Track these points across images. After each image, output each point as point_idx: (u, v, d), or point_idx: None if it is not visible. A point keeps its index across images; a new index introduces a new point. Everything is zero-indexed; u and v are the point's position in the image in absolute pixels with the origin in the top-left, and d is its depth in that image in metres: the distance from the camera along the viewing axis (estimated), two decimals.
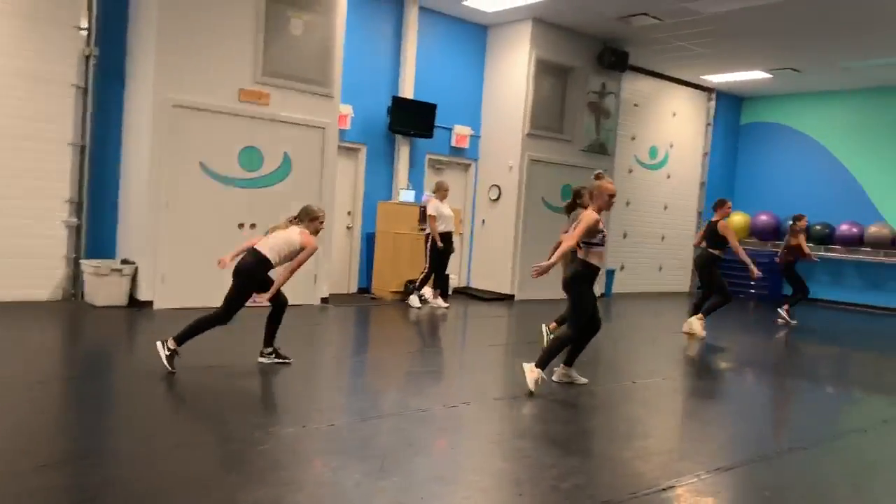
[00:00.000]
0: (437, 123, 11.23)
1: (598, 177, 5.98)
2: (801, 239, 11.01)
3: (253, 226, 8.95)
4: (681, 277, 15.60)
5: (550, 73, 11.88)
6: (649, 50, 12.55)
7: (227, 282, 5.84)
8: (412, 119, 10.93)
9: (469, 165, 12.30)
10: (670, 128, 14.97)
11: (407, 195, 10.82)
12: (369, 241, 10.94)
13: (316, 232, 6.05)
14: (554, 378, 6.17)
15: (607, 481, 3.92)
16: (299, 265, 5.91)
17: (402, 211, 10.65)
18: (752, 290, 14.22)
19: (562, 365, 6.18)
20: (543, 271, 5.52)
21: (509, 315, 10.41)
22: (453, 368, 7.04)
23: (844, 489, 4.10)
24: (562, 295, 6.13)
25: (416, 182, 11.33)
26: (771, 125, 15.82)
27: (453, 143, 11.81)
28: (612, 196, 5.88)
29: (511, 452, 4.50)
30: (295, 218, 6.08)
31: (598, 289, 13.02)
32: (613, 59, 12.20)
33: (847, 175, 14.53)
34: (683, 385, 6.97)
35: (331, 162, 9.60)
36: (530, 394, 5.66)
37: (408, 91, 10.96)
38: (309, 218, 6.03)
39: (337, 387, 5.91)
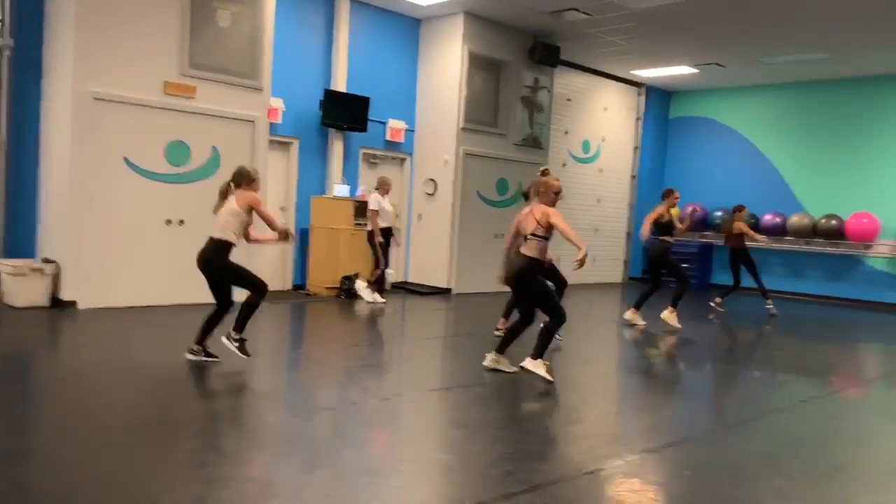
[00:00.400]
0: (370, 117, 11.17)
1: (544, 173, 6.08)
2: (744, 227, 11.33)
3: (181, 222, 8.74)
4: (614, 269, 15.93)
5: (483, 68, 11.94)
6: (580, 45, 12.75)
7: (155, 278, 5.68)
8: (345, 112, 10.84)
9: (404, 160, 12.27)
10: (602, 122, 15.25)
11: (341, 190, 10.73)
12: (303, 236, 10.81)
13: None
14: (484, 363, 6.20)
15: (536, 466, 3.96)
16: (269, 219, 5.81)
17: (336, 206, 10.56)
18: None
19: (493, 352, 6.23)
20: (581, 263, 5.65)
21: (447, 309, 10.44)
22: (389, 362, 7.02)
23: (762, 466, 4.25)
24: (498, 288, 6.18)
25: (350, 176, 11.24)
26: (698, 119, 16.28)
27: (388, 137, 11.76)
28: (557, 193, 5.99)
29: (442, 442, 4.52)
30: (230, 182, 5.88)
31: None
32: (545, 53, 12.34)
33: (770, 167, 15.06)
34: (616, 372, 7.11)
35: (261, 156, 9.43)
36: (550, 382, 5.84)
37: (340, 84, 10.86)
38: (246, 181, 5.83)
39: (269, 383, 5.82)
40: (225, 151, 9.09)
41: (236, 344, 5.80)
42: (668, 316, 9.27)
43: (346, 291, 10.28)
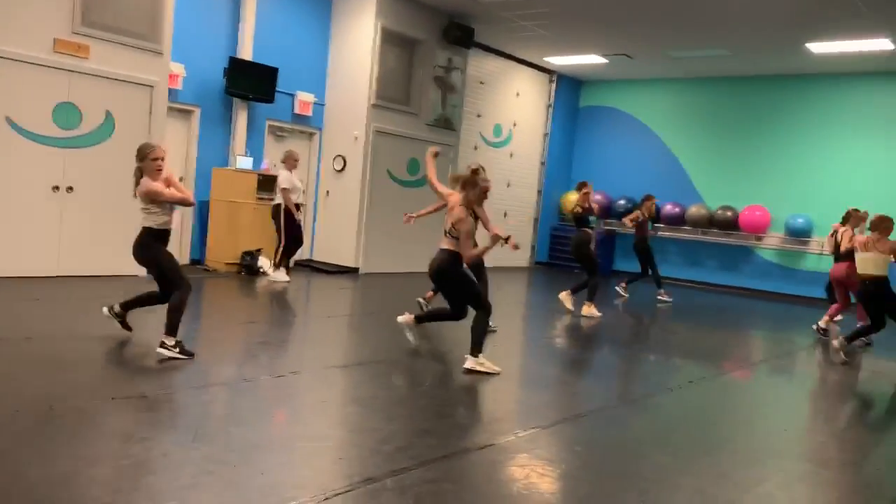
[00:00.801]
0: (278, 88, 10.83)
1: (474, 171, 6.04)
2: (641, 216, 11.56)
3: (70, 189, 8.25)
4: (521, 253, 16.12)
5: (397, 44, 11.78)
6: (494, 28, 12.76)
7: (39, 248, 5.31)
8: (251, 82, 10.46)
9: (313, 134, 11.99)
10: (514, 107, 15.36)
11: (245, 162, 10.37)
12: (203, 209, 10.41)
13: (156, 171, 5.44)
14: (399, 318, 6.12)
15: (429, 443, 3.93)
16: (172, 199, 5.45)
17: (239, 178, 10.20)
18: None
19: (413, 316, 6.13)
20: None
21: (353, 288, 10.30)
22: (287, 339, 6.85)
23: (649, 442, 4.36)
24: (408, 269, 6.10)
25: (255, 149, 10.89)
26: (606, 109, 16.63)
27: (296, 110, 11.44)
28: (486, 191, 5.98)
29: (336, 419, 4.43)
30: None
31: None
32: (459, 34, 12.29)
33: (672, 158, 15.57)
34: (517, 352, 7.18)
35: (159, 123, 8.98)
36: (497, 373, 5.66)
37: (246, 52, 10.47)
38: (139, 157, 5.45)
39: (155, 357, 5.55)
40: (120, 117, 8.62)
41: (176, 350, 5.37)
42: (565, 298, 9.44)
43: (248, 267, 9.97)
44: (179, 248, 10.41)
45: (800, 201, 13.87)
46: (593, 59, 14.44)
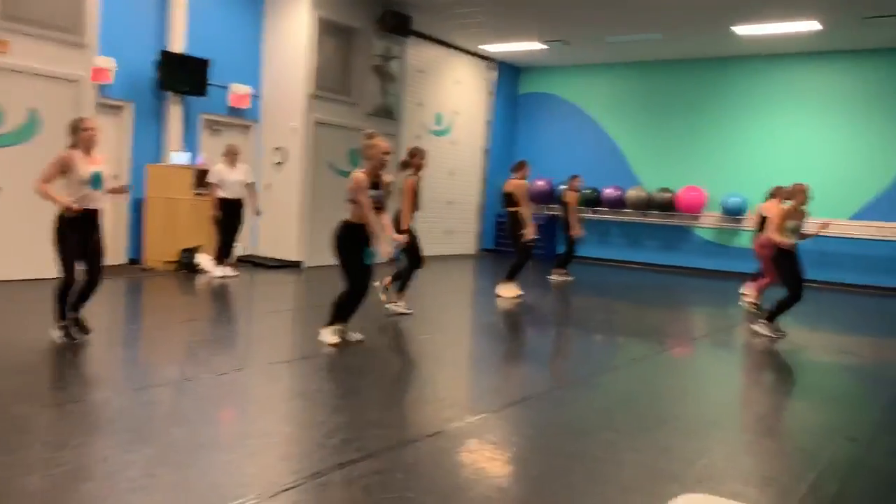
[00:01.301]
0: (211, 81, 10.56)
1: (369, 136, 5.93)
2: (571, 198, 11.64)
3: None
4: (468, 240, 16.18)
5: (333, 34, 11.62)
6: (431, 16, 12.70)
7: None
8: (183, 76, 10.18)
9: (249, 127, 11.75)
10: (454, 95, 15.34)
11: (180, 157, 10.10)
12: (138, 207, 10.11)
13: (87, 143, 5.35)
14: (324, 336, 6.03)
15: (376, 433, 3.90)
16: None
17: (175, 175, 9.93)
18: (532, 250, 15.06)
19: (336, 323, 6.09)
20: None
21: (296, 282, 10.16)
22: (229, 336, 6.71)
23: (596, 421, 4.42)
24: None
25: (190, 144, 10.61)
26: (546, 95, 16.76)
27: (231, 103, 11.19)
28: (385, 153, 5.87)
29: (280, 414, 4.36)
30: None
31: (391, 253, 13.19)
32: (395, 22, 12.19)
33: (611, 142, 15.79)
34: (464, 339, 7.19)
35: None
36: (335, 345, 5.74)
37: (178, 45, 10.17)
38: (70, 130, 5.35)
39: (94, 361, 5.37)
40: (46, 114, 8.29)
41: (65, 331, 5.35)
42: (504, 288, 9.40)
43: (187, 265, 9.74)
44: (116, 247, 10.08)
45: (734, 181, 14.23)
46: (531, 46, 14.52)
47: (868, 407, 5.08)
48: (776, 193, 9.43)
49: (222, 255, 9.63)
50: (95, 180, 5.38)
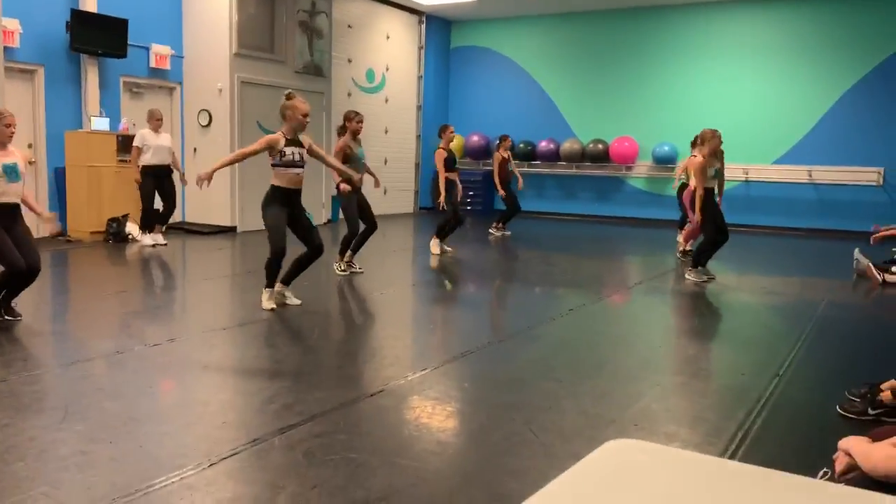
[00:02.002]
0: (130, 42, 10.10)
1: (288, 97, 5.82)
2: (501, 157, 11.62)
3: None
4: (405, 199, 16.09)
5: None
6: None
7: None
8: (99, 36, 9.69)
9: (173, 89, 11.32)
10: (385, 51, 15.07)
11: (101, 123, 9.68)
12: (59, 176, 9.68)
13: (2, 138, 5.18)
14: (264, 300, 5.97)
15: (316, 397, 3.87)
16: None
17: (96, 141, 9.52)
18: (469, 207, 15.13)
19: (279, 283, 6.01)
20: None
21: (231, 248, 9.95)
22: (161, 306, 6.54)
23: (535, 371, 4.50)
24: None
25: (111, 108, 10.16)
26: (478, 49, 16.63)
27: (152, 64, 10.74)
28: (305, 115, 5.78)
29: (217, 383, 4.29)
30: None
31: (325, 214, 13.03)
32: None
33: (545, 96, 15.84)
34: (403, 297, 7.19)
35: None
36: (272, 310, 5.79)
37: (90, 4, 9.66)
38: None
39: (16, 338, 5.17)
40: None
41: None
42: (434, 245, 9.41)
43: (115, 234, 9.42)
44: (36, 220, 9.66)
45: (665, 130, 14.48)
46: None
47: (792, 343, 5.30)
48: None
49: (150, 223, 9.33)
50: (9, 173, 5.14)
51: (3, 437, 3.28)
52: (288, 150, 5.71)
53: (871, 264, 8.15)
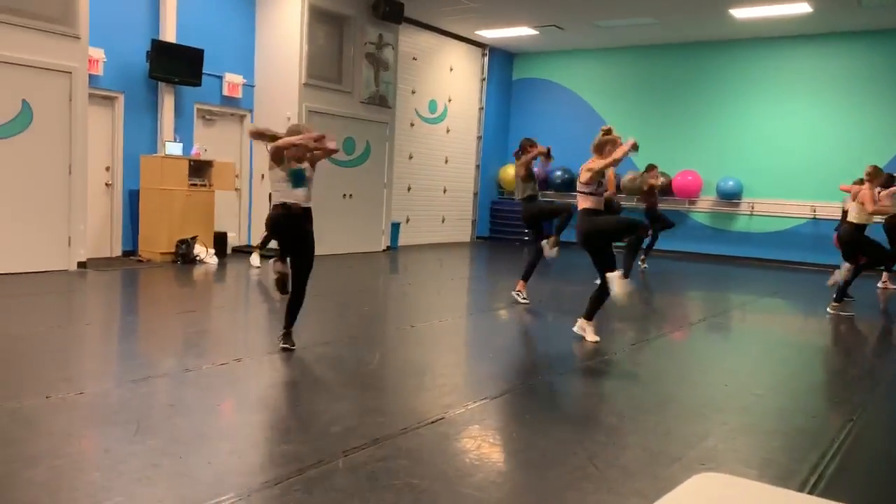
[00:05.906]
0: (205, 71, 10.50)
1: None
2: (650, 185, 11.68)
3: None
4: (462, 228, 16.17)
5: (326, 22, 11.55)
6: (424, 3, 12.63)
7: None
8: (176, 65, 10.11)
9: (244, 116, 11.69)
10: (448, 82, 15.29)
11: (174, 148, 10.05)
12: (133, 198, 10.07)
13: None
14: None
15: (379, 420, 3.91)
16: None
17: (169, 165, 9.88)
18: (526, 238, 15.07)
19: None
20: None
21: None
22: (228, 327, 6.71)
23: (596, 405, 4.44)
24: (354, 249, 5.99)
25: (184, 134, 10.56)
26: (539, 80, 16.70)
27: (225, 93, 11.13)
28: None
29: (281, 403, 4.37)
30: None
31: (384, 242, 13.18)
32: (388, 9, 12.12)
33: None
34: (458, 326, 7.20)
35: (80, 111, 8.62)
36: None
37: (169, 34, 10.10)
38: None
39: (92, 354, 5.37)
40: (38, 106, 8.24)
41: None
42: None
43: (183, 256, 9.72)
44: (110, 239, 10.08)
45: (729, 164, 14.24)
46: (524, 32, 14.46)
47: (868, 387, 5.11)
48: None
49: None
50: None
51: (82, 447, 3.40)
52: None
53: None
